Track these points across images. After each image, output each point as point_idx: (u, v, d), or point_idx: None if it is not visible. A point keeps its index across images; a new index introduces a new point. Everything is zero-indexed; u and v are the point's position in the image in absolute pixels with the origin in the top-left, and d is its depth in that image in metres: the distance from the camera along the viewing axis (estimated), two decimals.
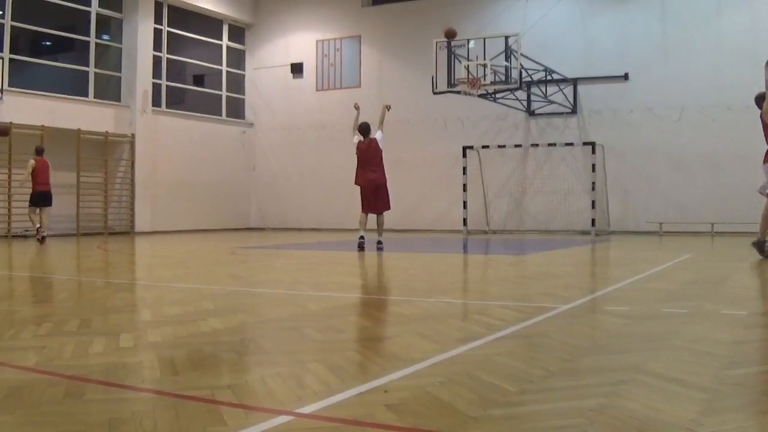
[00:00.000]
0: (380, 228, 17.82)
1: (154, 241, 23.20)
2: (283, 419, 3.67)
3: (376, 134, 17.83)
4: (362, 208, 17.78)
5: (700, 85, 25.40)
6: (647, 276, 11.24)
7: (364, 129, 18.04)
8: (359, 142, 17.82)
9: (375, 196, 17.64)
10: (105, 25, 28.02)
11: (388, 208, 18.00)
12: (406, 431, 3.52)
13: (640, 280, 10.64)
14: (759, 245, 13.57)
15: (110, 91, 27.99)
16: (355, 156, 17.75)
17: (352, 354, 5.33)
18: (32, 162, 21.30)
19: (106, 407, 3.89)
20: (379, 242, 17.45)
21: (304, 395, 4.13)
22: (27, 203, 21.65)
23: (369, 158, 17.54)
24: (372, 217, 17.82)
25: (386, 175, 17.86)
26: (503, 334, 6.10)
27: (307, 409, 3.83)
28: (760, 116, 13.70)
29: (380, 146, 17.63)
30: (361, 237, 17.24)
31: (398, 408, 3.83)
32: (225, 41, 32.82)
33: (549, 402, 3.97)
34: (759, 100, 13.99)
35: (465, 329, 6.53)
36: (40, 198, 21.29)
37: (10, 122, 22.92)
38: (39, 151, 21.68)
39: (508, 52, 23.02)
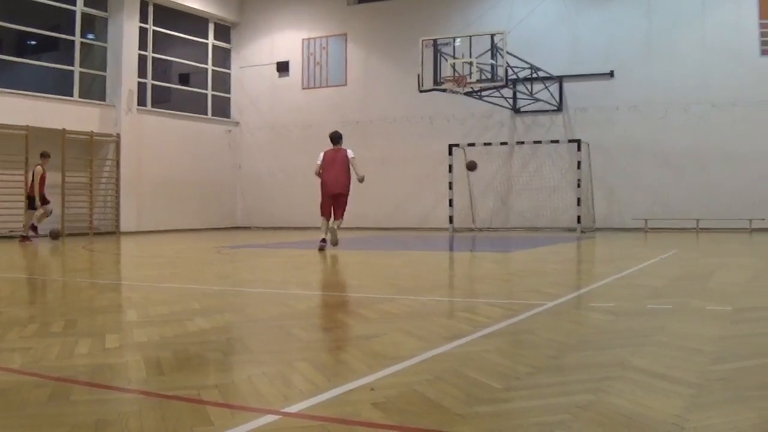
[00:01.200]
0: (333, 234, 17.78)
1: (139, 241, 23.14)
2: (269, 418, 3.68)
3: (349, 150, 18.06)
4: (322, 212, 18.13)
5: (685, 83, 25.46)
6: (633, 272, 11.27)
7: (334, 137, 18.44)
8: (327, 150, 18.26)
9: (337, 202, 17.93)
10: (90, 24, 27.90)
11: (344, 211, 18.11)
12: (393, 429, 3.53)
13: (625, 276, 10.67)
14: None
15: (95, 90, 27.88)
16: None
17: (339, 352, 5.34)
18: (40, 168, 21.60)
19: (92, 408, 3.88)
20: (323, 240, 17.44)
21: (290, 394, 4.14)
22: (7, 203, 21.87)
23: (336, 166, 17.92)
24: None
25: (349, 183, 18.01)
26: (490, 331, 6.12)
27: (294, 408, 3.84)
28: None
29: (350, 160, 17.87)
30: (323, 240, 17.47)
31: (385, 406, 3.84)
32: (211, 40, 32.72)
33: (535, 398, 3.98)
34: None
35: (451, 327, 6.54)
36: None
37: None
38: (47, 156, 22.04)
39: (494, 50, 23.04)
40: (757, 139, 24.40)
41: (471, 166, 23.64)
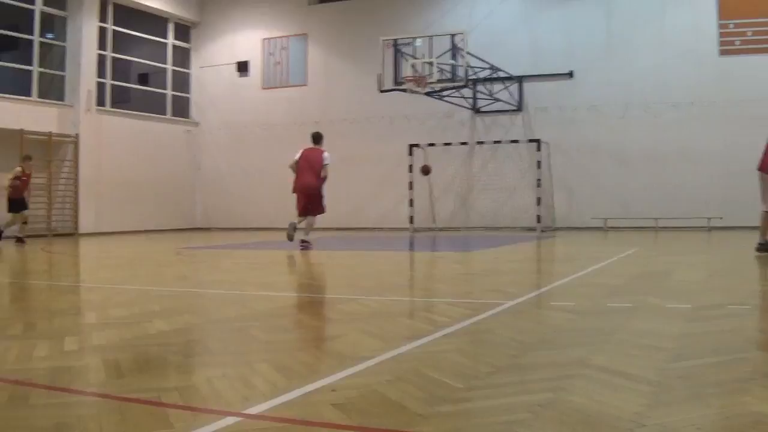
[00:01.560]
0: (307, 227, 17.73)
1: (98, 242, 23.00)
2: (230, 420, 3.66)
3: (326, 153, 17.72)
4: (298, 212, 17.92)
5: (644, 83, 25.63)
6: (592, 271, 11.32)
7: (314, 136, 18.18)
8: (306, 148, 17.90)
9: (308, 200, 17.68)
10: (49, 23, 27.67)
11: (322, 211, 17.94)
12: (354, 430, 3.52)
13: (585, 275, 10.72)
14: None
15: (54, 90, 27.66)
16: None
17: (299, 353, 5.32)
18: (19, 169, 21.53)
19: (51, 412, 3.85)
20: (303, 241, 17.29)
21: (251, 396, 4.12)
22: None
23: (310, 165, 17.58)
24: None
25: (323, 185, 17.75)
26: (450, 330, 6.12)
27: (255, 410, 3.82)
28: None
29: (324, 161, 17.56)
30: (293, 226, 17.49)
31: (346, 407, 3.83)
32: (170, 40, 32.56)
33: (496, 397, 3.99)
34: None
35: (412, 327, 6.55)
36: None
37: None
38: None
39: (454, 51, 23.10)
40: (716, 138, 24.60)
41: (425, 171, 23.69)
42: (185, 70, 33.41)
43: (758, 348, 5.23)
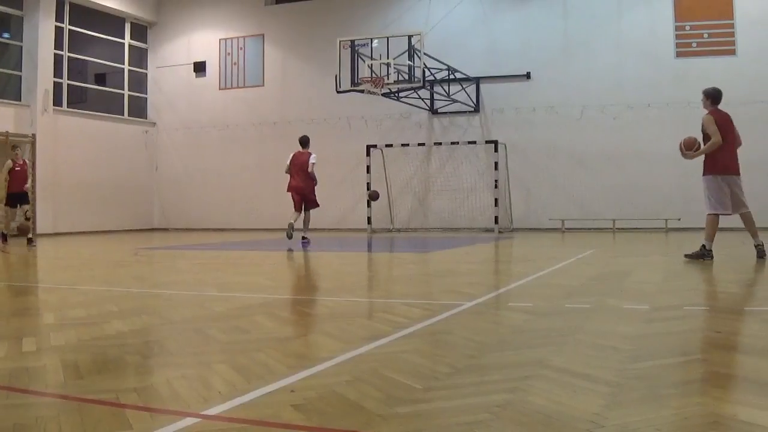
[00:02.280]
0: (305, 224, 19.73)
1: (56, 243, 22.83)
2: (189, 421, 3.64)
3: (312, 155, 19.65)
4: (294, 209, 19.73)
5: (600, 84, 25.81)
6: (550, 272, 11.37)
7: (301, 141, 20.04)
8: (295, 152, 19.83)
9: (301, 199, 19.59)
10: (5, 22, 27.45)
11: (316, 205, 19.91)
12: (313, 431, 3.51)
13: (543, 276, 10.76)
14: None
15: (10, 90, 27.44)
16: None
17: (258, 354, 5.30)
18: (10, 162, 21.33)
19: (10, 413, 3.81)
20: (304, 238, 19.29)
21: (209, 396, 4.10)
22: None
23: (298, 167, 19.50)
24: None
25: (312, 184, 19.66)
26: (409, 331, 6.12)
27: (213, 411, 3.80)
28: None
29: (311, 161, 19.43)
30: (291, 225, 19.18)
31: (305, 408, 3.82)
32: (127, 39, 32.38)
33: (455, 398, 3.99)
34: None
35: (370, 327, 6.54)
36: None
37: None
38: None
39: (412, 52, 23.11)
40: (672, 139, 24.51)
41: (373, 196, 24.12)
42: (142, 71, 33.26)
43: (715, 349, 5.27)
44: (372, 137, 28.27)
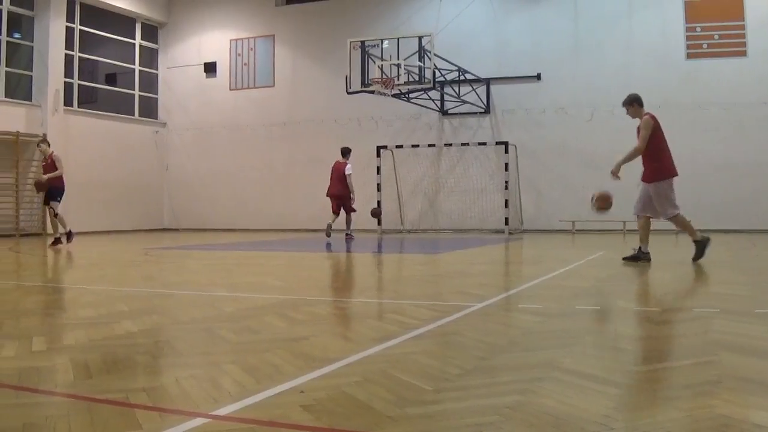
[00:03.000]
0: (347, 225, 22.88)
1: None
2: (198, 421, 3.64)
3: (348, 165, 22.52)
4: (332, 211, 22.67)
5: (611, 85, 25.74)
6: (560, 274, 11.35)
7: (342, 151, 22.93)
8: (337, 161, 22.80)
9: (338, 204, 22.47)
10: (16, 23, 27.46)
11: (351, 211, 22.84)
12: (323, 431, 3.51)
13: (553, 277, 10.74)
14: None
15: (21, 90, 27.47)
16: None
17: (268, 355, 5.29)
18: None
19: (20, 412, 3.82)
20: (347, 235, 22.66)
21: (219, 397, 4.10)
22: None
23: (336, 175, 22.43)
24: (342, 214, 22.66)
25: (347, 192, 22.54)
26: (418, 332, 6.12)
27: (223, 411, 3.80)
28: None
29: (346, 172, 22.35)
30: (329, 225, 22.34)
31: (314, 408, 3.82)
32: (138, 40, 32.39)
33: (465, 400, 3.98)
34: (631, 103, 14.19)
35: (380, 328, 6.53)
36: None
37: None
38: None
39: (422, 52, 23.09)
40: (682, 141, 24.63)
41: (375, 213, 25.59)
42: (153, 71, 33.28)
43: (725, 351, 5.25)
44: (382, 138, 28.26)
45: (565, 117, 26.41)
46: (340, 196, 22.42)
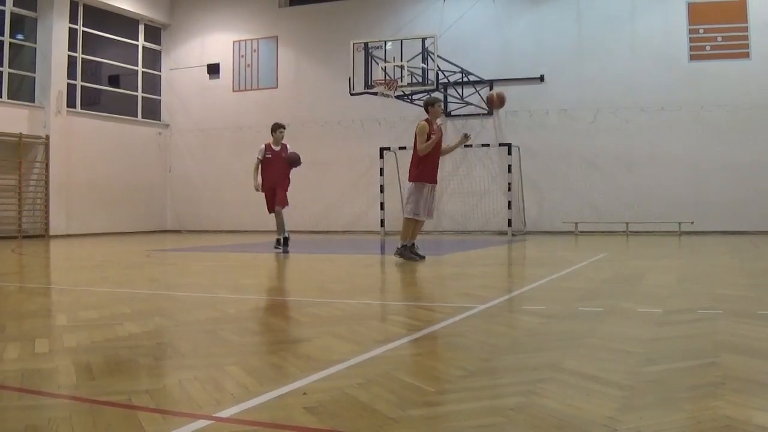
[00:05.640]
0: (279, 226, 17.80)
1: (69, 244, 22.87)
2: (201, 423, 3.64)
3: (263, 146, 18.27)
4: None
5: (614, 87, 25.76)
6: (563, 275, 11.34)
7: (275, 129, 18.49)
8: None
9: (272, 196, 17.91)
10: (19, 24, 27.49)
11: (278, 205, 17.79)
12: None
13: (556, 279, 10.74)
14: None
15: (24, 91, 27.49)
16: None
17: (270, 356, 5.29)
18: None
19: (22, 414, 3.82)
20: (281, 241, 17.69)
21: (222, 399, 4.10)
22: None
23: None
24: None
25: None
26: (421, 334, 6.12)
27: (226, 413, 3.80)
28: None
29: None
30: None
31: (317, 410, 3.82)
32: (141, 41, 32.41)
33: (468, 401, 3.98)
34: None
35: (383, 330, 6.53)
36: None
37: None
38: None
39: (425, 54, 23.12)
40: (685, 142, 24.77)
41: (291, 159, 18.16)
42: (156, 72, 33.29)
43: (729, 352, 5.24)
44: (385, 139, 28.27)
45: (568, 118, 26.41)
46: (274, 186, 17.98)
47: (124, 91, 32.36)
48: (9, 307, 8.43)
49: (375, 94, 23.71)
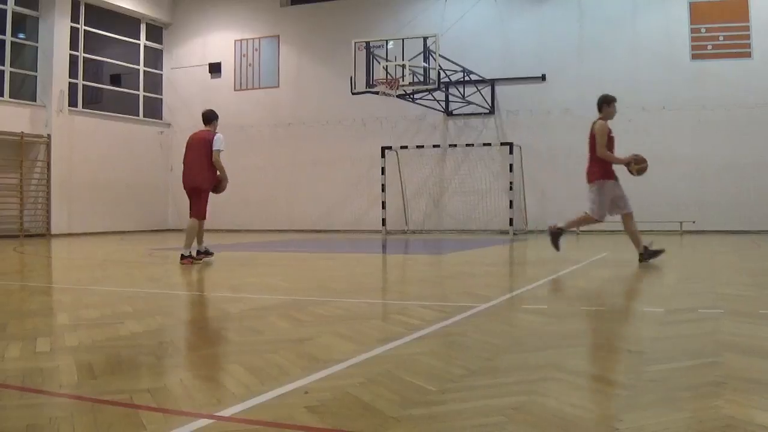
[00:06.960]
0: (196, 237, 15.41)
1: (70, 243, 22.87)
2: (202, 422, 3.64)
3: (219, 136, 14.89)
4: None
5: (615, 86, 25.51)
6: (565, 274, 11.35)
7: (208, 116, 15.35)
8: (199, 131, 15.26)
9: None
10: (21, 23, 27.49)
11: (203, 212, 15.78)
12: None
13: (558, 278, 10.74)
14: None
15: (26, 90, 27.49)
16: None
17: (272, 356, 5.29)
18: None
19: (23, 413, 3.82)
20: (198, 253, 15.31)
21: (223, 398, 4.10)
22: None
23: (194, 154, 15.39)
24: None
25: (213, 177, 15.32)
26: (423, 333, 6.11)
27: (227, 412, 3.80)
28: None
29: (215, 147, 14.88)
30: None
31: (319, 409, 3.82)
32: (142, 40, 32.41)
33: (469, 401, 3.98)
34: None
35: (385, 329, 6.53)
36: None
37: None
38: None
39: (426, 53, 23.10)
40: (687, 142, 24.75)
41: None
42: (157, 71, 33.29)
43: (731, 351, 5.24)
44: (387, 139, 28.27)
45: (569, 118, 26.36)
46: (198, 185, 15.23)
47: (125, 90, 32.36)
48: (11, 305, 8.43)
49: (376, 93, 23.70)
